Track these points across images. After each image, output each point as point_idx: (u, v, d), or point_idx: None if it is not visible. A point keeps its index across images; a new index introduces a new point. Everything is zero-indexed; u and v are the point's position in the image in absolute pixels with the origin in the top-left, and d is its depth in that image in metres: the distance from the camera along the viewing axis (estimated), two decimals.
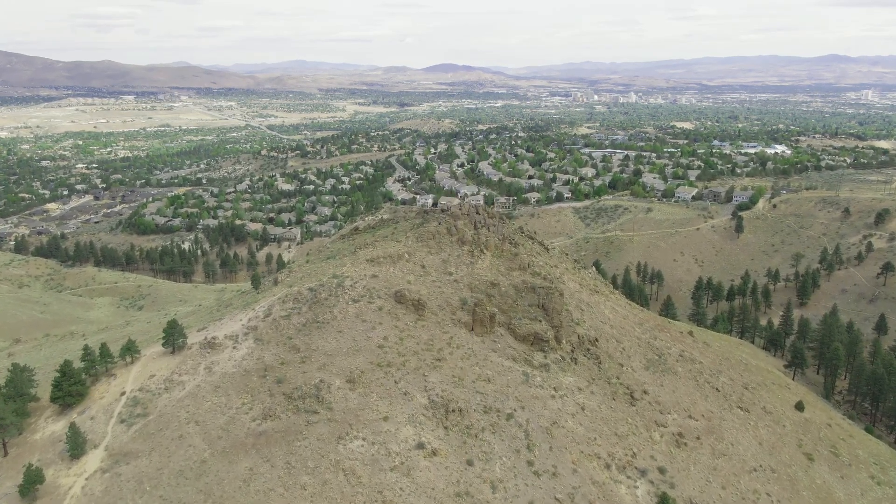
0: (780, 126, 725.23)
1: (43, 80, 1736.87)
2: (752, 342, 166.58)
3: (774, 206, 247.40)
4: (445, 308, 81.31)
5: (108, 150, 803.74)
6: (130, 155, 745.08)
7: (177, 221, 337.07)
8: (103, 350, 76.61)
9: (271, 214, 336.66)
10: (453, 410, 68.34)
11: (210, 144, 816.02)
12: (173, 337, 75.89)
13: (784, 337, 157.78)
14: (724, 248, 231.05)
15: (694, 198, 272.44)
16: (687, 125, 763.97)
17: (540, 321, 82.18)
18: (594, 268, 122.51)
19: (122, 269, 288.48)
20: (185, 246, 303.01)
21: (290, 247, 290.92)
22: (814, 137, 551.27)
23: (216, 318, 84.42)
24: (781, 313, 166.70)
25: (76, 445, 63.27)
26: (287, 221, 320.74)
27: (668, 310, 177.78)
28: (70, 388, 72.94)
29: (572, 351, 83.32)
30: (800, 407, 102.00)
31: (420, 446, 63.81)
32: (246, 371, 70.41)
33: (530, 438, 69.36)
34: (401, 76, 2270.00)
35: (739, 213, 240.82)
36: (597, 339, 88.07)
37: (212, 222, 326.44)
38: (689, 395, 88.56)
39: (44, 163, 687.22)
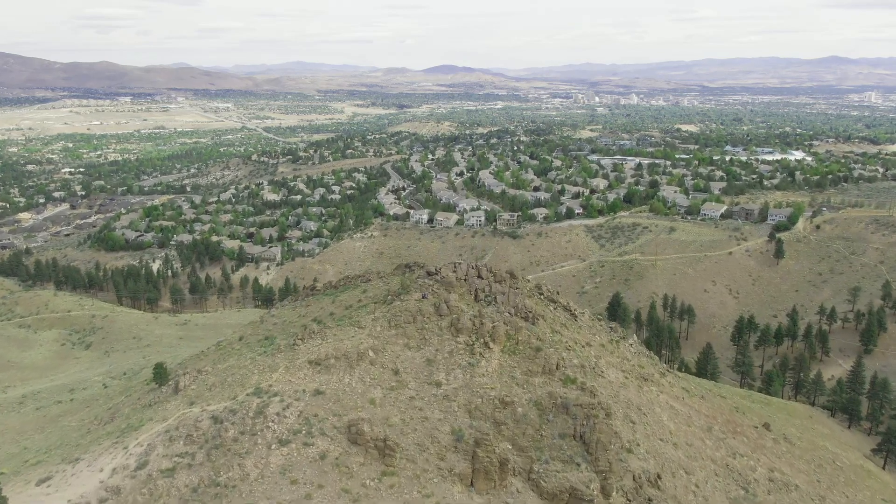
0: (787, 129, 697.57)
1: (40, 82, 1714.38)
2: (812, 402, 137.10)
3: (818, 226, 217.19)
4: (429, 449, 51.44)
5: (98, 153, 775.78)
6: (120, 158, 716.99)
7: (149, 237, 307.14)
8: None
9: (252, 229, 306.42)
10: None
11: (203, 147, 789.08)
12: None
13: (856, 397, 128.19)
14: (762, 277, 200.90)
15: (723, 216, 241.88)
16: (691, 128, 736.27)
17: (578, 464, 52.37)
18: (634, 337, 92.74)
19: (84, 291, 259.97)
20: (155, 266, 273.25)
21: (268, 268, 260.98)
22: (827, 142, 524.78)
23: (71, 456, 54.45)
24: (850, 368, 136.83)
25: None
26: (268, 238, 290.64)
27: (707, 360, 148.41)
28: None
29: None
30: None
31: None
32: None
33: None
34: (400, 77, 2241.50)
35: (778, 236, 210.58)
36: (659, 476, 58.20)
37: (186, 238, 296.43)
38: None
39: (29, 167, 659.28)
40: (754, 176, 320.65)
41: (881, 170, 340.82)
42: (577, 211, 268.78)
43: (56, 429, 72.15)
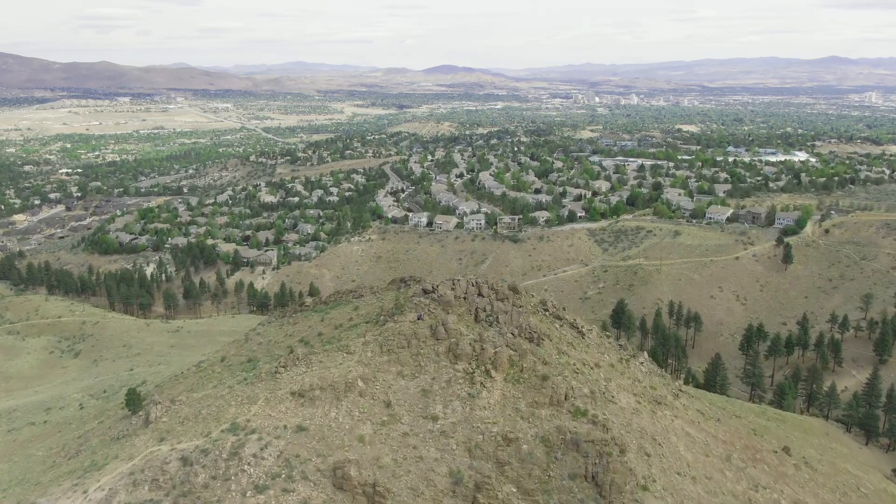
0: (788, 129, 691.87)
1: (39, 82, 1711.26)
2: (826, 416, 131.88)
3: (826, 230, 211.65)
4: (424, 494, 46.06)
5: (97, 153, 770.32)
6: (118, 159, 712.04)
7: (143, 240, 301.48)
8: None
9: (248, 232, 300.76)
10: None
11: (202, 147, 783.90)
12: None
13: (873, 412, 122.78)
14: (770, 283, 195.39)
15: (729, 219, 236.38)
16: (692, 128, 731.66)
17: None
18: (645, 354, 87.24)
19: (76, 295, 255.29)
20: (149, 270, 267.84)
21: (264, 272, 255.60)
22: (829, 142, 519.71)
23: (28, 499, 49.13)
24: (866, 380, 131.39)
25: None
26: (265, 241, 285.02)
27: (717, 371, 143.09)
28: None
29: None
30: None
31: None
32: None
33: None
34: (400, 77, 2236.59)
35: (786, 240, 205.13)
36: None
37: (181, 241, 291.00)
38: None
39: (26, 167, 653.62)
40: (759, 178, 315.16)
41: (888, 171, 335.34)
42: (579, 214, 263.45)
43: (22, 458, 66.67)
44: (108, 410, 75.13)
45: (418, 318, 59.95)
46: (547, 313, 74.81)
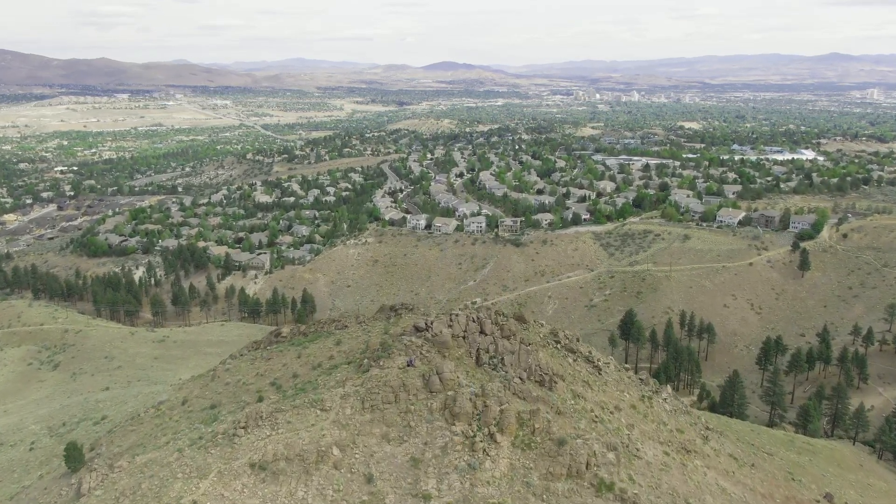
0: (791, 126, 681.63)
1: (38, 79, 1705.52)
2: (854, 438, 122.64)
3: (844, 235, 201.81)
4: None
5: (93, 151, 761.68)
6: (115, 156, 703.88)
7: (133, 242, 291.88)
8: None
9: (241, 234, 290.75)
10: None
11: (200, 145, 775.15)
12: None
13: None
14: (786, 291, 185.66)
15: (741, 222, 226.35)
16: (694, 125, 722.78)
17: None
18: (669, 389, 77.45)
19: (62, 300, 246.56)
20: (138, 273, 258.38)
21: (256, 277, 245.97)
22: (835, 140, 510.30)
23: None
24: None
25: None
26: (258, 243, 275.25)
27: (734, 389, 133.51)
28: None
29: None
30: None
31: None
32: None
33: None
34: (401, 74, 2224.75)
35: (802, 245, 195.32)
36: None
37: (172, 243, 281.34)
38: None
39: (21, 165, 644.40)
40: (769, 178, 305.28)
41: None
42: (583, 216, 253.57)
43: None
44: (56, 457, 65.67)
45: (408, 364, 50.40)
46: (559, 346, 65.25)
